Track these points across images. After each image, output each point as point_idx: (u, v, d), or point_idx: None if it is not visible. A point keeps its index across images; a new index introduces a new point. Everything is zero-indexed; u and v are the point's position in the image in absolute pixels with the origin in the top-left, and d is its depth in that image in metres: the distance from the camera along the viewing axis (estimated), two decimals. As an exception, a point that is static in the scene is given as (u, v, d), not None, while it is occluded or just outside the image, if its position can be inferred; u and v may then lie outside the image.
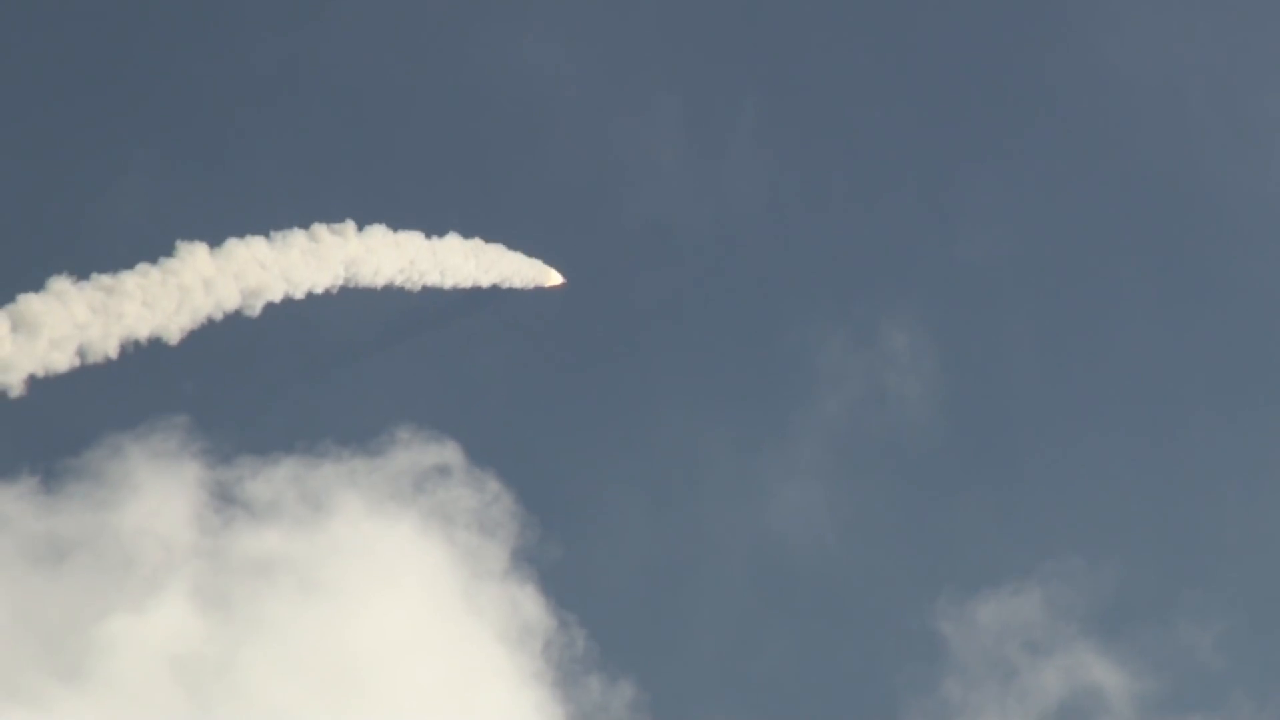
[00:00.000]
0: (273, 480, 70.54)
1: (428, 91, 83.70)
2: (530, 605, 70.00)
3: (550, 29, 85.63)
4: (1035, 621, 77.61)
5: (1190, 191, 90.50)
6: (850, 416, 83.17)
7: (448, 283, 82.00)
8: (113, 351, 70.42)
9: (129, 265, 72.20)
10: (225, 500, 69.33)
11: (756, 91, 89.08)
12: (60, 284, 69.88)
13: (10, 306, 68.57)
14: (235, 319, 73.86)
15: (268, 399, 76.64)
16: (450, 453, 72.72)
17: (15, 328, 68.29)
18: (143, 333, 71.55)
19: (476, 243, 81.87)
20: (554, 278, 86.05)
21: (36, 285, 69.28)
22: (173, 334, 72.45)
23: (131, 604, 64.20)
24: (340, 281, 78.52)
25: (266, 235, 76.24)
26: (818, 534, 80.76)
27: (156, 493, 68.98)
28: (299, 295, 76.87)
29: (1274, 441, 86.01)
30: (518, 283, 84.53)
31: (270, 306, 74.98)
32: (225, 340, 71.56)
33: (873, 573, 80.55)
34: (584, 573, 73.64)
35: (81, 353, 69.91)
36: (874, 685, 77.41)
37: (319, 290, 77.66)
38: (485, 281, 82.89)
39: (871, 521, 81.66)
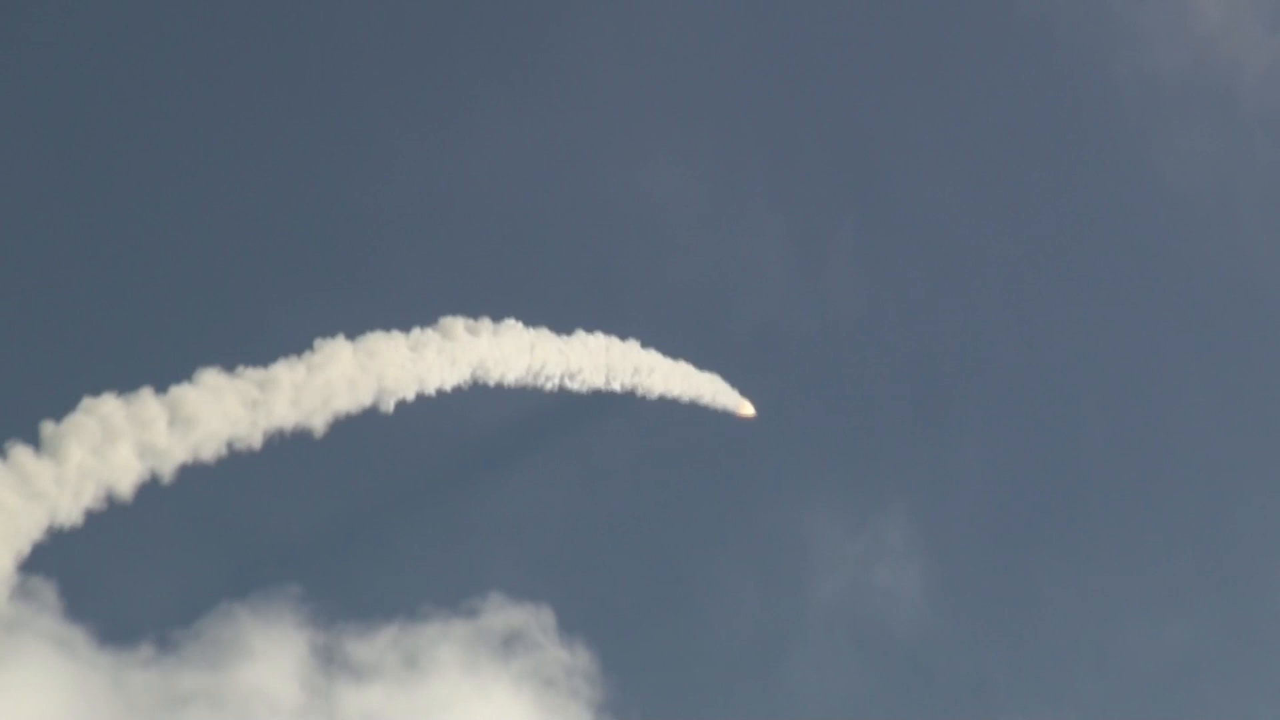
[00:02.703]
0: (374, 643, 72.46)
1: (561, 213, 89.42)
2: None
3: (669, 159, 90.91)
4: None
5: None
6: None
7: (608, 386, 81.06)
8: (257, 443, 70.53)
9: (270, 360, 72.13)
10: (330, 662, 71.35)
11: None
12: (210, 376, 70.11)
13: (165, 397, 68.53)
14: (372, 413, 73.93)
15: (372, 563, 78.31)
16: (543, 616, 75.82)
17: (171, 419, 68.16)
18: (288, 425, 71.61)
19: (682, 363, 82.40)
20: (747, 409, 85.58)
21: (185, 376, 69.29)
22: (317, 427, 72.65)
23: None
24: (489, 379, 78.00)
25: (406, 331, 76.11)
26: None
27: (267, 653, 70.11)
28: (433, 391, 76.18)
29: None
30: (712, 405, 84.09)
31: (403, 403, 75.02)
32: (362, 434, 71.99)
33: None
34: None
35: (230, 443, 70.03)
36: None
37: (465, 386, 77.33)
38: (684, 398, 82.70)
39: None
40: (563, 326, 78.98)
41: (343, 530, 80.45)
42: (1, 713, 60.00)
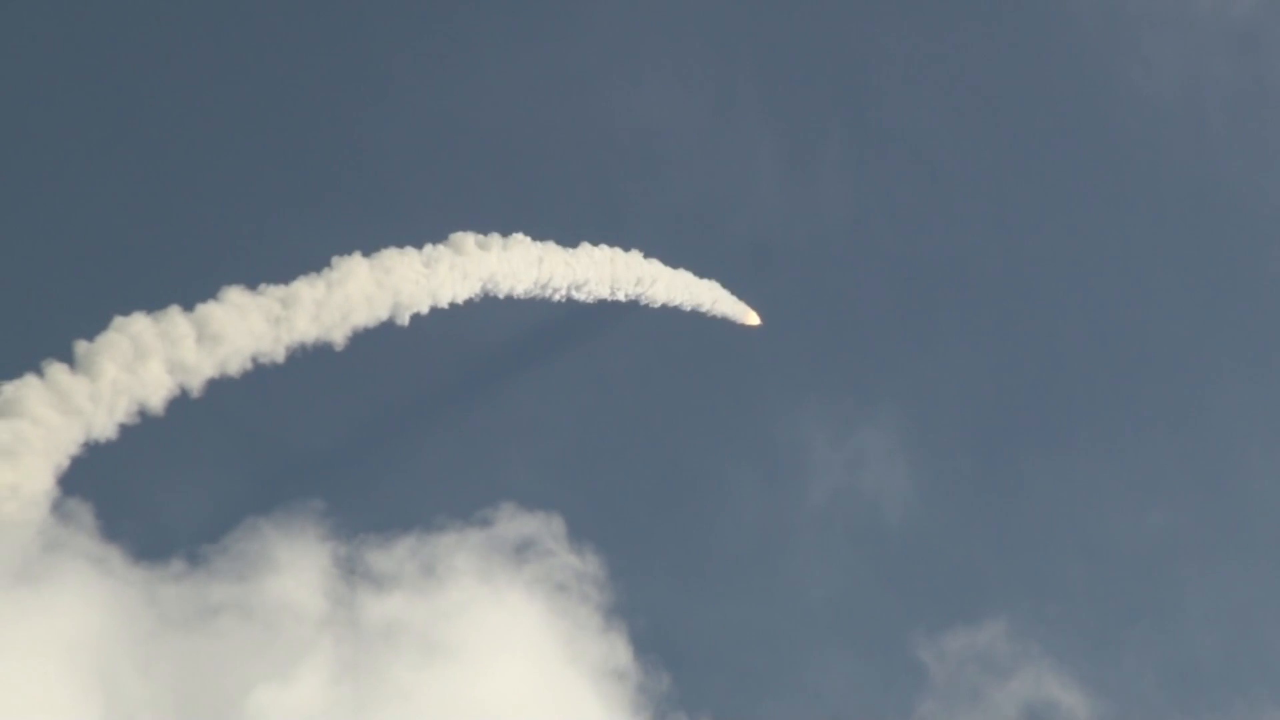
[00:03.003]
0: (393, 553, 75.12)
1: (564, 133, 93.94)
2: (621, 655, 76.39)
3: (664, 79, 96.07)
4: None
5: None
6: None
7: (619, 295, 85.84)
8: (281, 357, 74.15)
9: (291, 278, 75.39)
10: (352, 572, 73.89)
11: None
12: (235, 294, 73.58)
13: (193, 314, 72.10)
14: (389, 326, 77.62)
15: (389, 475, 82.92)
16: (554, 524, 78.82)
17: (199, 336, 71.82)
18: (309, 339, 75.10)
19: (682, 272, 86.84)
20: (752, 318, 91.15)
21: (211, 294, 72.84)
22: (336, 341, 75.97)
23: (275, 673, 68.42)
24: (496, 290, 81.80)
25: (418, 247, 79.31)
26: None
27: (293, 565, 72.74)
28: (446, 304, 79.95)
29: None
30: (715, 313, 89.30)
31: (417, 316, 78.72)
32: (379, 347, 76.00)
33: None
34: (664, 628, 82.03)
35: (255, 358, 73.56)
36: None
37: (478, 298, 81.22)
38: (686, 306, 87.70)
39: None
40: (568, 240, 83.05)
41: (362, 442, 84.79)
42: (44, 628, 62.81)
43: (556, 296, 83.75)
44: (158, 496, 78.06)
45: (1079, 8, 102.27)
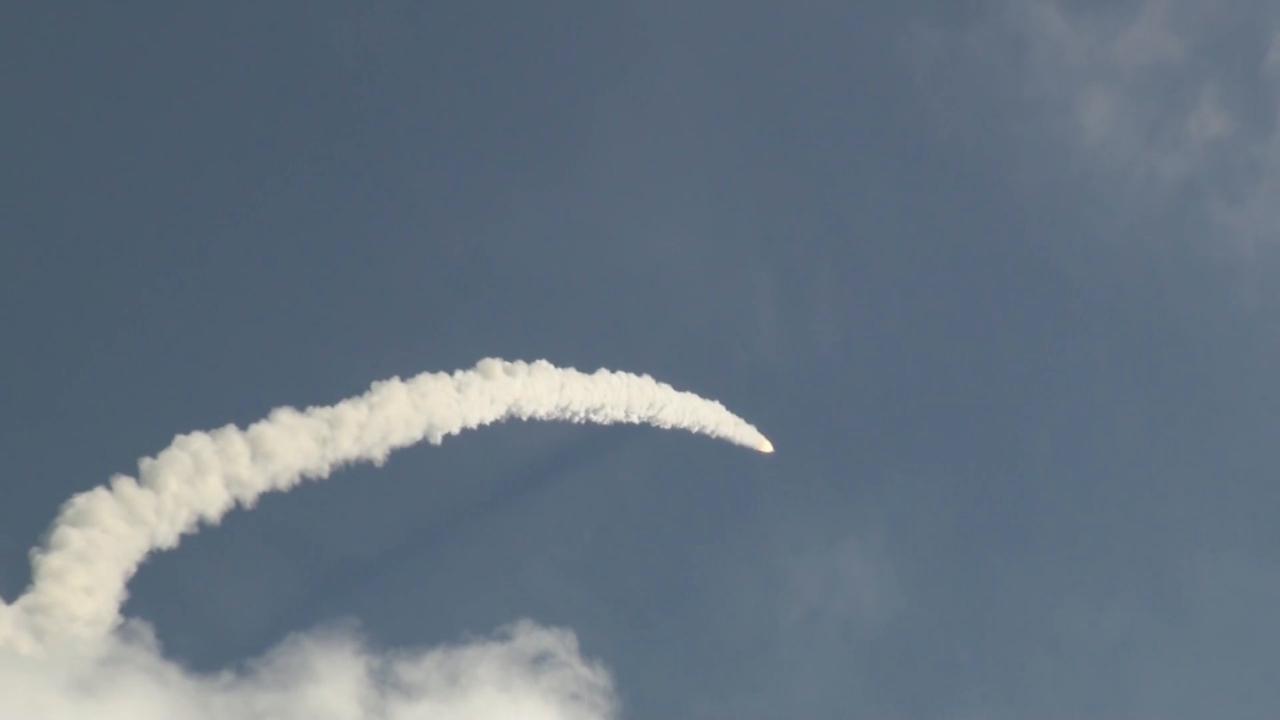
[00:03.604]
0: (422, 665, 78.87)
1: (584, 272, 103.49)
2: None
3: (672, 225, 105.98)
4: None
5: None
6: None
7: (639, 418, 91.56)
8: (326, 473, 79.09)
9: (336, 400, 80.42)
10: (384, 683, 77.37)
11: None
12: (286, 415, 78.61)
13: (247, 433, 77.07)
14: (423, 445, 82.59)
15: (419, 593, 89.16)
16: (568, 639, 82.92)
17: (253, 453, 76.86)
18: (352, 456, 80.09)
19: (691, 396, 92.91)
20: (765, 445, 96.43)
21: (264, 415, 77.94)
22: (377, 458, 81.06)
23: None
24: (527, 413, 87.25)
25: (450, 373, 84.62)
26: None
27: (330, 677, 75.97)
28: (475, 425, 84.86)
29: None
30: (731, 439, 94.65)
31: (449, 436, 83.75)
32: (415, 464, 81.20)
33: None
34: None
35: (302, 473, 78.35)
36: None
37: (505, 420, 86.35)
38: (697, 429, 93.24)
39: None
40: (587, 366, 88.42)
41: (396, 557, 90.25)
42: None
43: (576, 419, 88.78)
44: (210, 611, 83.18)
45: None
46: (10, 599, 69.84)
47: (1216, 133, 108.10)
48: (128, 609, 70.72)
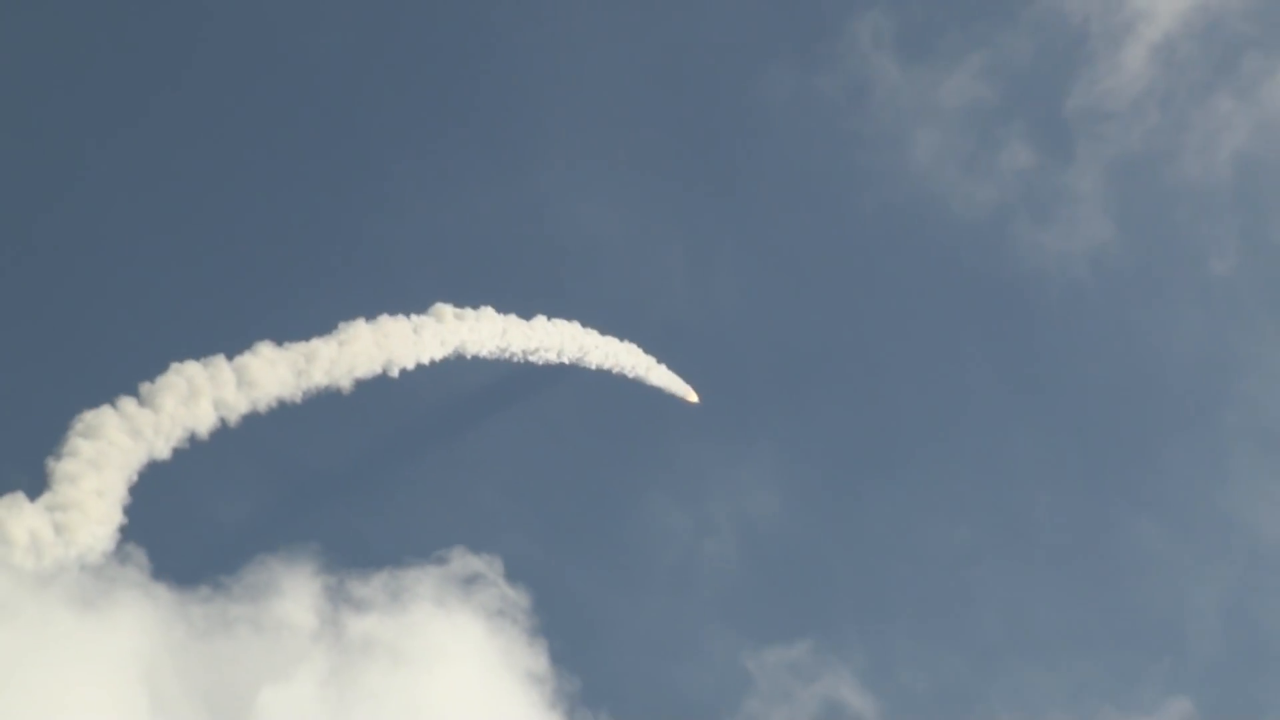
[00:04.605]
0: (370, 584, 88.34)
1: (526, 235, 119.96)
2: (542, 664, 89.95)
3: (599, 199, 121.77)
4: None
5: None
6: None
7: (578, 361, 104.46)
8: (300, 398, 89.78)
9: (309, 337, 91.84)
10: (338, 599, 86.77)
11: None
12: (266, 349, 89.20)
13: (233, 363, 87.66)
14: (383, 378, 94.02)
15: (371, 520, 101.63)
16: (495, 564, 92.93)
17: (239, 381, 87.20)
18: (323, 385, 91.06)
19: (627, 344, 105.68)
20: (691, 395, 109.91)
21: (248, 348, 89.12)
22: (344, 387, 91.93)
23: (278, 675, 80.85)
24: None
25: (408, 315, 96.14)
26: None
27: (292, 593, 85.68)
28: (428, 361, 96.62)
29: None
30: (661, 387, 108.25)
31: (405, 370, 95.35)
32: (376, 393, 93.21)
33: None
34: (575, 645, 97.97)
35: (279, 399, 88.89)
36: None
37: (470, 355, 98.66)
38: (636, 375, 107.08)
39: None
40: (526, 314, 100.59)
41: (353, 482, 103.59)
42: (103, 642, 74.88)
43: (515, 359, 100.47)
44: (194, 531, 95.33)
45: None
46: (32, 498, 79.07)
47: (1024, 165, 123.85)
48: (125, 533, 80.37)
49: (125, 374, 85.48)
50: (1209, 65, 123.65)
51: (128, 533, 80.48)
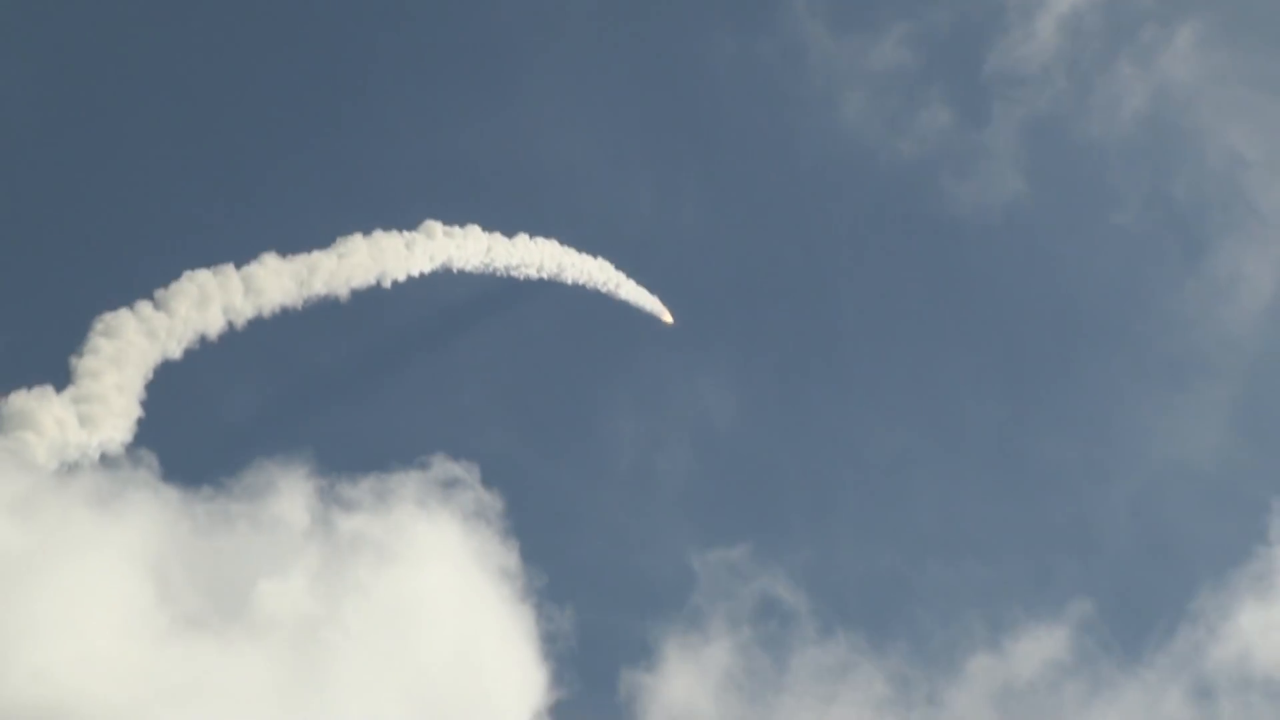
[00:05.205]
0: (359, 487, 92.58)
1: (511, 154, 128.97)
2: (513, 561, 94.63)
3: (577, 132, 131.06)
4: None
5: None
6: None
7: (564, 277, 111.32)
8: (301, 305, 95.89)
9: (310, 249, 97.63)
10: (329, 499, 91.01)
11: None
12: (271, 259, 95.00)
13: (241, 272, 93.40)
14: (377, 289, 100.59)
15: (360, 427, 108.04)
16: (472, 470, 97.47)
17: (246, 289, 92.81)
18: (322, 293, 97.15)
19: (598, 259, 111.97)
20: (666, 316, 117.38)
21: (255, 258, 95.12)
22: (342, 295, 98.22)
23: (275, 569, 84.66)
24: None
25: (400, 231, 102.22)
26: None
27: (287, 493, 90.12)
28: (418, 274, 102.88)
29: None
30: (637, 305, 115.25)
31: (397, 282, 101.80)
32: (371, 301, 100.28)
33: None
34: (544, 545, 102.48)
35: (283, 305, 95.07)
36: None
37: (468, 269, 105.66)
38: (612, 291, 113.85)
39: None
40: (510, 231, 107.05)
41: (346, 388, 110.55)
42: (117, 537, 79.45)
43: (498, 274, 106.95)
44: (199, 434, 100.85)
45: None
46: (59, 391, 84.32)
47: (944, 124, 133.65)
48: (138, 439, 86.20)
49: (142, 280, 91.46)
50: (1111, 35, 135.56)
51: (140, 438, 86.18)
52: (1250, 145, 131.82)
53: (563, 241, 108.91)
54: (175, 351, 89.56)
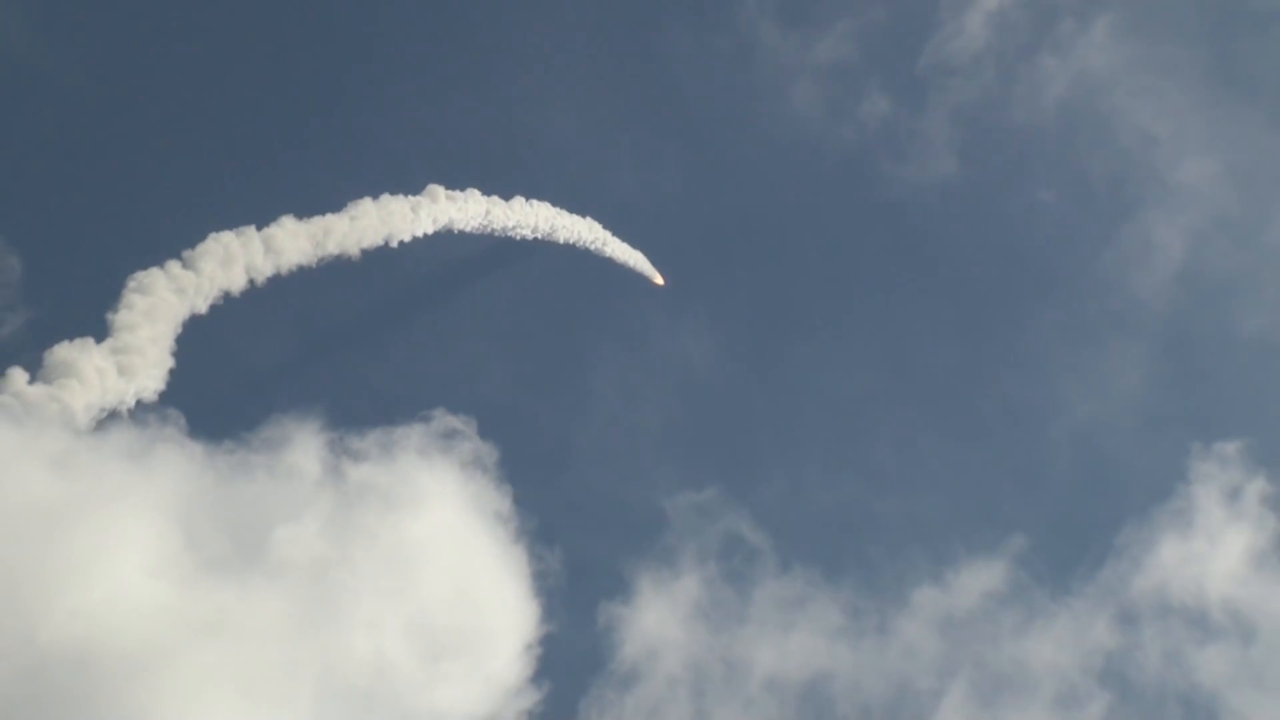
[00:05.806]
0: (366, 439, 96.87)
1: (507, 125, 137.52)
2: (507, 507, 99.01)
3: (570, 107, 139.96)
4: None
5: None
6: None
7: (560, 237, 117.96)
8: (316, 263, 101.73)
9: (325, 212, 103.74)
10: (339, 450, 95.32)
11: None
12: (289, 222, 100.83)
13: (262, 233, 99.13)
14: (385, 249, 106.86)
15: (366, 387, 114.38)
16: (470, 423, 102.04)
17: (266, 249, 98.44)
18: (336, 252, 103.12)
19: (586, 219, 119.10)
20: (658, 278, 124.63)
21: (274, 220, 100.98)
22: (354, 255, 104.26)
23: (290, 516, 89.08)
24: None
25: (406, 195, 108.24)
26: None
27: (301, 446, 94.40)
28: (423, 235, 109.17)
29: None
30: (628, 265, 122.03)
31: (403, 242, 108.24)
32: (378, 261, 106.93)
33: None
34: (535, 490, 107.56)
35: (300, 264, 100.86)
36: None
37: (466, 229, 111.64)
38: (604, 251, 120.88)
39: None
40: (507, 195, 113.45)
41: (359, 339, 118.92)
42: (147, 487, 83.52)
43: (496, 234, 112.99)
44: (223, 390, 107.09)
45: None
46: (98, 343, 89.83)
47: (883, 112, 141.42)
48: (165, 399, 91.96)
49: (172, 241, 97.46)
50: (1034, 28, 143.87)
51: (167, 398, 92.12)
52: (1160, 125, 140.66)
53: (555, 204, 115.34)
54: (202, 307, 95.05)
